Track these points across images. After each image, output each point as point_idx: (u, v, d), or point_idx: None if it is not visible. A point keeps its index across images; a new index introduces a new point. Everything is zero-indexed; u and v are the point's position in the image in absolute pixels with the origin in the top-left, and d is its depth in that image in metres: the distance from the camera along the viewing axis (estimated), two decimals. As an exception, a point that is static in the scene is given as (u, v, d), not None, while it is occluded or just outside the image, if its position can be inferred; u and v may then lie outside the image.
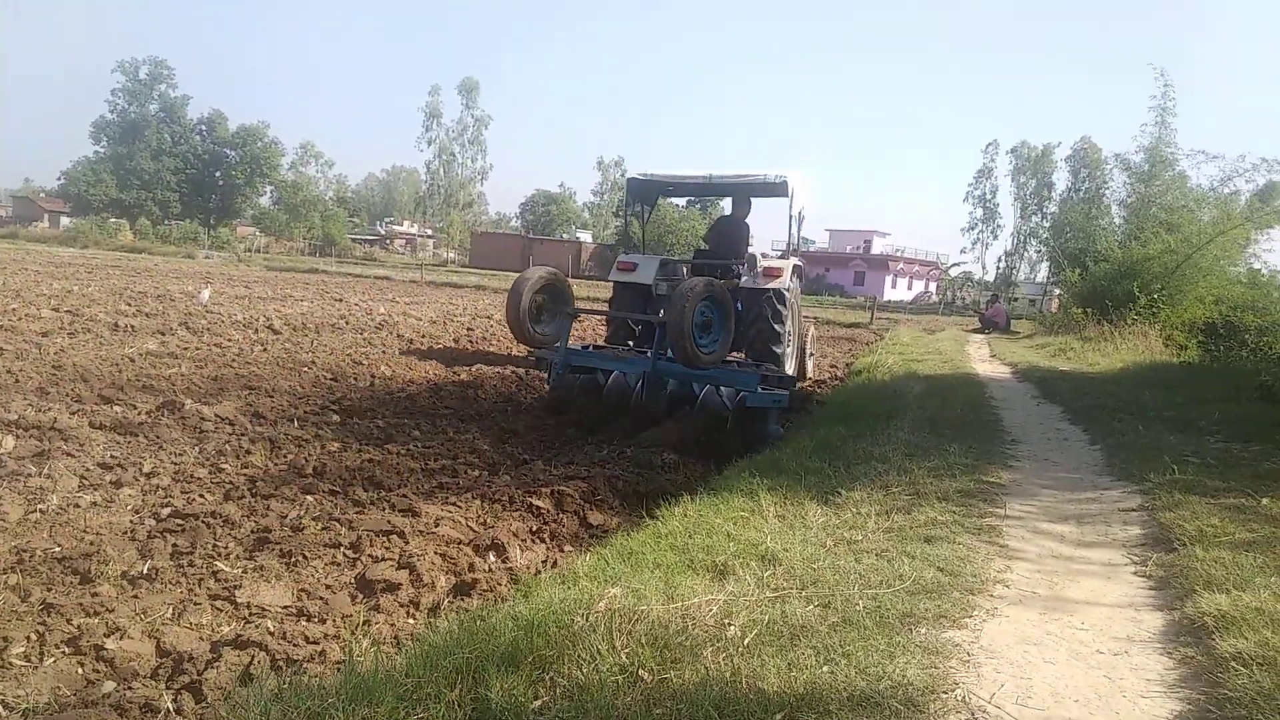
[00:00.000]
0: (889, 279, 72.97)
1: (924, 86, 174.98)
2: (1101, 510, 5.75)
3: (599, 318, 10.76)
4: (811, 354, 14.08)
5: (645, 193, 11.95)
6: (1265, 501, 5.34)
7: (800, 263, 11.50)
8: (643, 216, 12.40)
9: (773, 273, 10.06)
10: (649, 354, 8.77)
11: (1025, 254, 75.37)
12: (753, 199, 11.36)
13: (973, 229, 77.68)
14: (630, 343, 10.92)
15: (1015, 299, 59.53)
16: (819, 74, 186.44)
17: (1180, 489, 5.77)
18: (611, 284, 10.93)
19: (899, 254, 75.96)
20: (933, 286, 77.75)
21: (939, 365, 15.45)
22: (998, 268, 76.66)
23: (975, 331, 28.83)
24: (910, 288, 76.90)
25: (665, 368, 8.65)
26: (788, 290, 10.20)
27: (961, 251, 79.69)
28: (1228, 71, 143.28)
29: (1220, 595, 3.78)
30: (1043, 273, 66.15)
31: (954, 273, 77.66)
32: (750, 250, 10.34)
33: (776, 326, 9.97)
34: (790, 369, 10.42)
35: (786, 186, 10.35)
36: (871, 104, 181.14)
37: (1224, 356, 15.85)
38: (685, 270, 11.07)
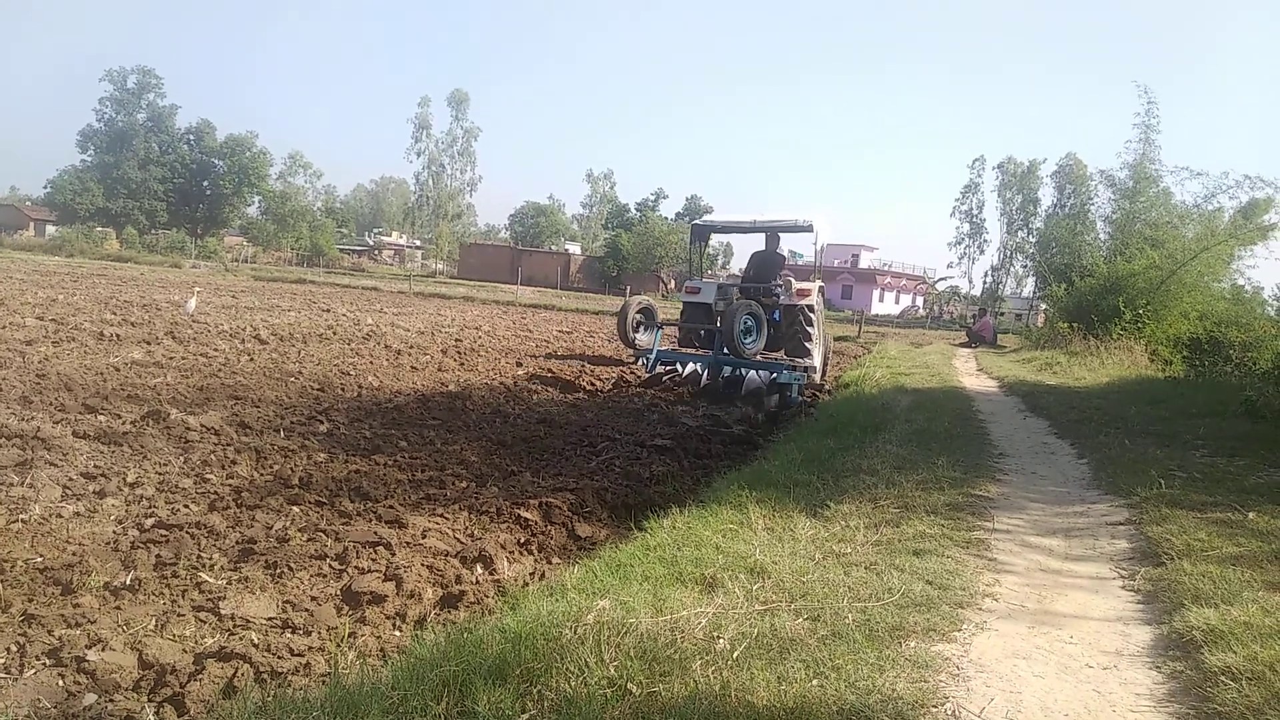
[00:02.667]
0: (876, 293, 73.24)
1: (911, 101, 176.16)
2: (1089, 524, 5.76)
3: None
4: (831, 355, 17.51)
5: (703, 234, 15.83)
6: (1252, 516, 5.36)
7: (822, 284, 14.43)
8: (700, 252, 16.03)
9: (804, 293, 13.57)
10: (712, 351, 13.24)
11: (1011, 269, 75.93)
12: (784, 235, 14.69)
13: (960, 244, 78.25)
14: (696, 345, 14.64)
15: (1001, 313, 59.84)
16: (806, 88, 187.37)
17: (1167, 503, 5.78)
18: (681, 303, 14.99)
19: (887, 268, 76.30)
20: (920, 300, 78.09)
21: (927, 379, 15.50)
22: (984, 282, 77.17)
23: (962, 345, 28.94)
24: (898, 301, 77.20)
25: (723, 359, 12.88)
26: (815, 305, 13.66)
27: (949, 266, 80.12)
28: (1213, 88, 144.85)
29: (1208, 609, 3.79)
30: (1029, 287, 66.78)
31: (941, 287, 78.10)
32: (786, 275, 13.92)
33: (809, 329, 13.49)
34: (818, 363, 14.03)
35: (813, 227, 13.72)
36: (859, 117, 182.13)
37: (1209, 371, 15.98)
38: (735, 292, 14.41)
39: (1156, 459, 7.41)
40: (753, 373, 12.60)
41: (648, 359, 13.68)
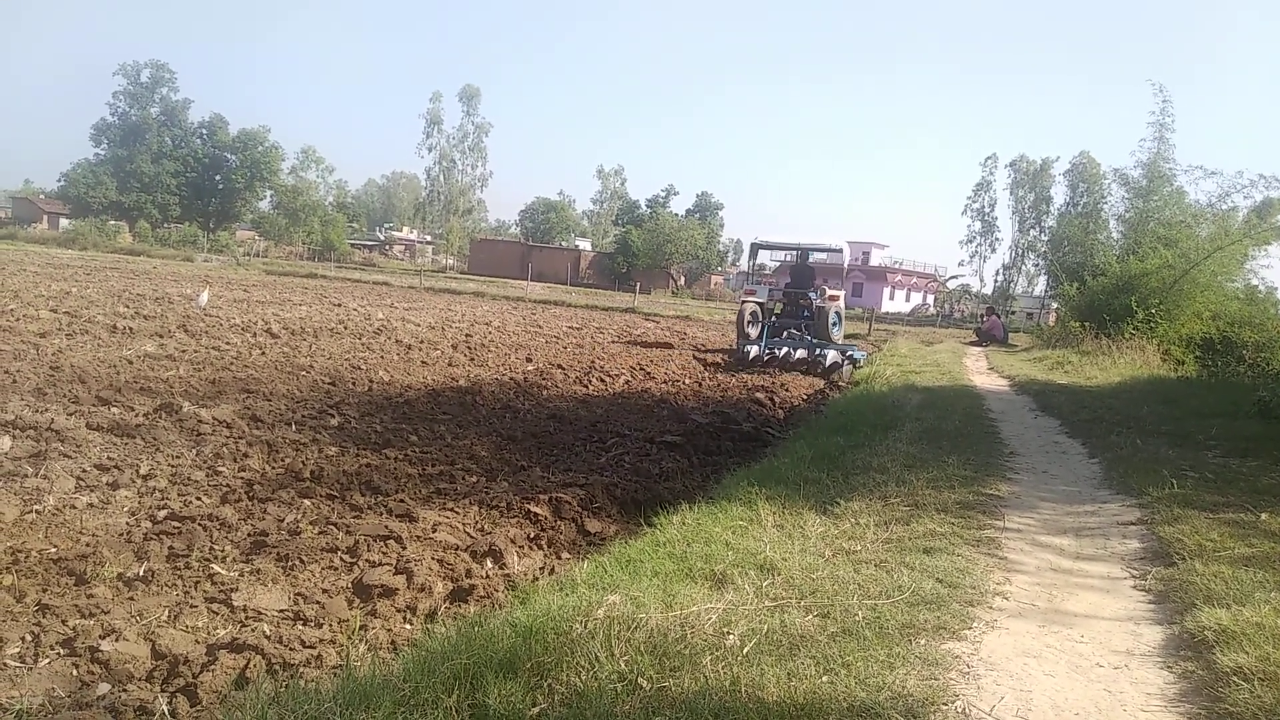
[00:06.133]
0: (887, 290, 73.02)
1: (924, 98, 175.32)
2: (1100, 523, 5.74)
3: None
4: None
5: (756, 249, 20.78)
6: (1264, 517, 5.33)
7: (852, 294, 22.18)
8: (753, 264, 22.82)
9: (833, 298, 18.61)
10: (806, 338, 18.08)
11: (1023, 267, 75.47)
12: (817, 254, 20.97)
13: (971, 242, 77.76)
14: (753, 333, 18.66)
15: (1013, 312, 59.53)
16: (818, 83, 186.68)
17: (1179, 503, 5.75)
18: (740, 301, 19.96)
19: (897, 266, 76.05)
20: (930, 299, 77.80)
21: (937, 377, 15.45)
22: (995, 281, 76.76)
23: (972, 344, 28.79)
24: (908, 299, 76.93)
25: (815, 342, 17.61)
26: (841, 308, 18.92)
27: (960, 264, 79.55)
28: (1227, 87, 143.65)
29: (1220, 610, 3.77)
30: (1040, 286, 66.37)
31: (952, 285, 77.77)
32: (819, 283, 19.28)
33: (837, 325, 18.75)
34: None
35: (843, 250, 20.02)
36: (871, 114, 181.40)
37: (1221, 371, 15.91)
38: (780, 295, 19.86)
39: (1169, 459, 7.37)
40: (831, 351, 17.04)
41: (758, 345, 17.60)
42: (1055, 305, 39.90)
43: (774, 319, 19.13)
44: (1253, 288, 21.76)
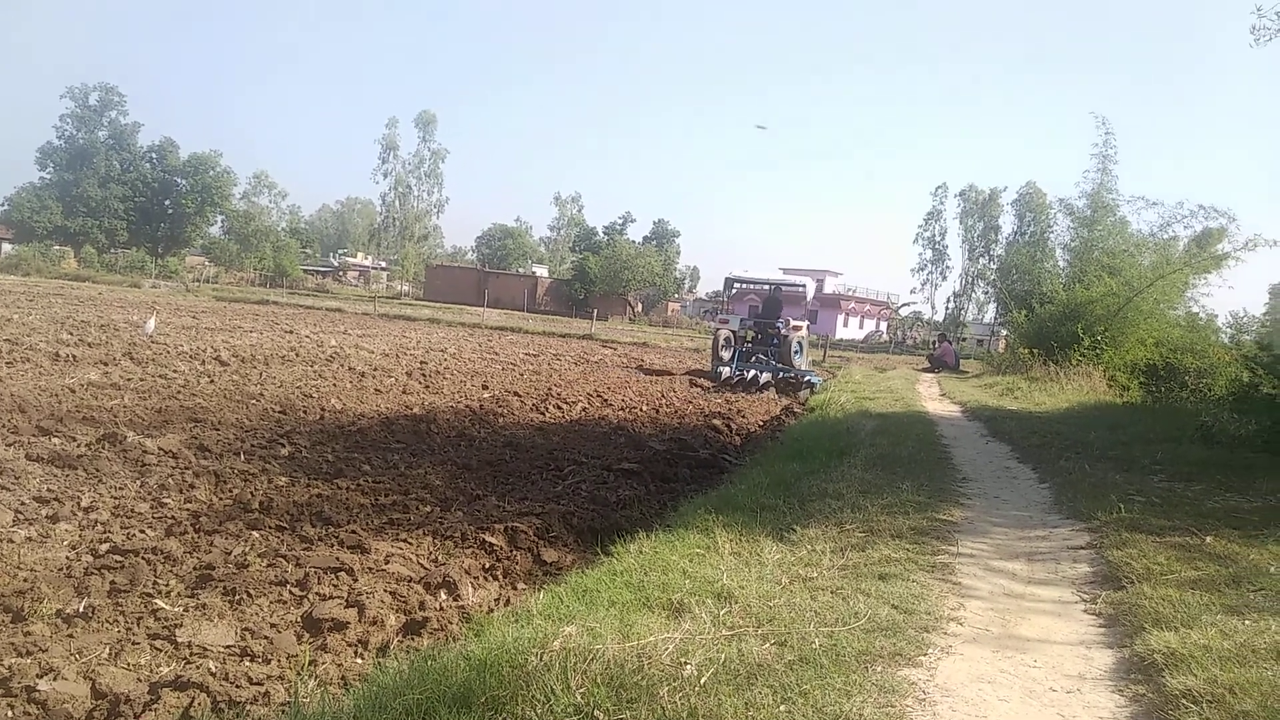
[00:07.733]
0: (841, 318, 73.83)
1: (879, 126, 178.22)
2: (1051, 548, 5.83)
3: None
4: None
5: (730, 284, 24.24)
6: (1209, 540, 5.45)
7: (810, 323, 24.44)
8: (728, 295, 26.49)
9: (797, 328, 21.16)
10: (771, 362, 20.41)
11: (973, 295, 76.93)
12: (784, 288, 23.42)
13: (922, 270, 79.21)
14: (725, 356, 20.85)
15: (964, 339, 60.50)
16: (776, 105, 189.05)
17: (1127, 527, 5.86)
18: (713, 329, 23.70)
19: (851, 293, 77.01)
20: (884, 326, 78.86)
21: (891, 403, 15.62)
22: (947, 308, 78.10)
23: (925, 370, 29.22)
24: (861, 326, 77.85)
25: (777, 366, 20.01)
26: (804, 336, 21.95)
27: (911, 292, 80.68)
28: (1171, 120, 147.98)
29: (1169, 633, 3.83)
30: (990, 313, 67.67)
31: (904, 312, 78.95)
32: (784, 314, 21.42)
33: (800, 350, 21.30)
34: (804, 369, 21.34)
35: (806, 288, 23.58)
36: (825, 145, 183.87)
37: (1165, 397, 16.27)
38: (750, 324, 21.93)
39: (1116, 484, 7.51)
40: (795, 375, 19.59)
41: (730, 368, 19.82)
42: (1005, 332, 40.70)
43: (745, 345, 21.41)
44: (1194, 315, 22.33)
